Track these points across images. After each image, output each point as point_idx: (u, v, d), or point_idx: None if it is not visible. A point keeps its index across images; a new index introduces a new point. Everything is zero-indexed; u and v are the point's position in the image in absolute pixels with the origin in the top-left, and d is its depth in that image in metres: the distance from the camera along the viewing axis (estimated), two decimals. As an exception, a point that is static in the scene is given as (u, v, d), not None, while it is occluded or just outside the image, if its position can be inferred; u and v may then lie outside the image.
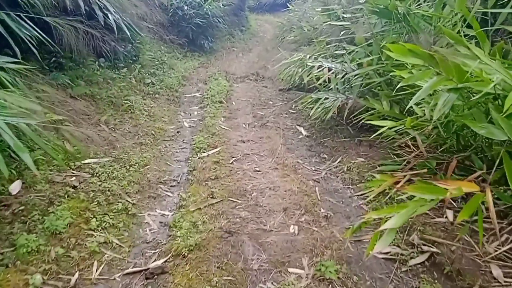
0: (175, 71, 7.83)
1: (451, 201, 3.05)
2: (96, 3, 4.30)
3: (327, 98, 4.38)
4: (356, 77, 4.17)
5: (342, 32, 5.32)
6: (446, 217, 2.87)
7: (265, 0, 17.63)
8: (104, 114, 4.68)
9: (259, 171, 3.73)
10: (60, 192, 2.96)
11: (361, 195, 3.37)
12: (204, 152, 4.17)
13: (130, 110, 5.32)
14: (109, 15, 4.61)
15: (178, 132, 5.04)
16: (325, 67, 4.52)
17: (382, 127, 3.38)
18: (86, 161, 3.61)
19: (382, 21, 4.31)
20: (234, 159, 4.01)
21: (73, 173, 3.37)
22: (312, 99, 4.58)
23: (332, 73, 4.52)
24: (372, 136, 3.42)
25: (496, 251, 2.46)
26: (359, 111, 4.32)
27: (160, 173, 3.72)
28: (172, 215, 3.03)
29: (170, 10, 9.78)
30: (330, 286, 2.22)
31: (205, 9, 10.13)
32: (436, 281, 2.28)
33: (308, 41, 9.33)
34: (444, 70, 2.46)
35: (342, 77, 4.45)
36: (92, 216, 2.77)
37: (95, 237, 2.58)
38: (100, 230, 2.67)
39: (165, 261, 2.42)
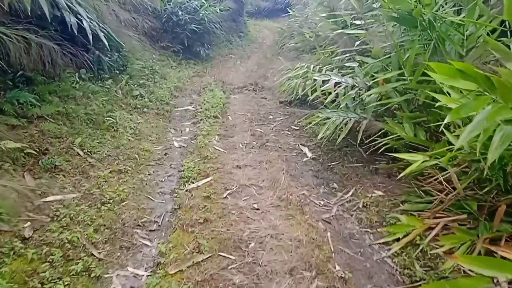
0: (167, 81, 7.18)
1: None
2: (66, 9, 3.63)
3: (338, 118, 3.73)
4: (371, 95, 3.52)
5: (351, 41, 4.69)
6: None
7: (264, 5, 17.04)
8: (79, 135, 4.02)
9: (258, 209, 3.07)
10: (4, 248, 2.29)
11: (384, 243, 2.71)
12: (193, 183, 3.51)
13: (112, 128, 4.66)
14: (84, 21, 3.94)
15: (165, 154, 4.37)
16: (333, 82, 3.86)
17: (405, 157, 2.74)
18: (48, 198, 2.94)
19: (401, 29, 3.68)
20: (228, 192, 3.34)
21: (29, 216, 2.70)
22: (320, 118, 3.91)
23: (343, 88, 3.88)
24: (402, 173, 2.74)
25: None
26: (377, 134, 3.67)
27: (139, 212, 3.05)
28: (147, 276, 2.36)
29: (164, 16, 9.16)
30: None
31: (201, 14, 9.50)
32: None
33: (310, 48, 8.72)
34: (501, 96, 1.83)
35: (354, 94, 3.81)
36: (39, 285, 2.10)
37: (38, 319, 1.91)
38: (48, 306, 2.00)
39: None
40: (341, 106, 3.75)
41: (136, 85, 6.15)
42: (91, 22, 4.05)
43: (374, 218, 2.98)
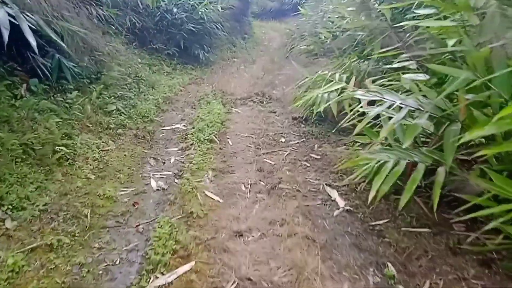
0: (155, 91, 5.75)
1: None
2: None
3: (397, 162, 2.26)
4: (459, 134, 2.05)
5: (399, 41, 3.24)
6: None
7: (270, 5, 15.55)
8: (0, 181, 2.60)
9: None
10: None
11: None
12: (162, 274, 2.06)
13: (67, 161, 3.27)
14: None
15: (134, 205, 2.94)
16: (387, 103, 2.39)
17: None
18: None
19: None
20: (220, 299, 1.90)
21: None
22: (372, 162, 2.42)
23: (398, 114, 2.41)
24: None
25: None
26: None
27: None
28: None
29: (157, 14, 7.74)
30: None
31: (199, 12, 8.09)
32: None
33: (326, 51, 7.28)
34: None
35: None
36: None
37: None
38: None
39: None
40: (405, 145, 2.26)
41: (112, 98, 4.73)
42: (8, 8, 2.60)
43: None
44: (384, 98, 2.42)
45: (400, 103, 2.33)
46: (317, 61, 6.75)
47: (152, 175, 3.50)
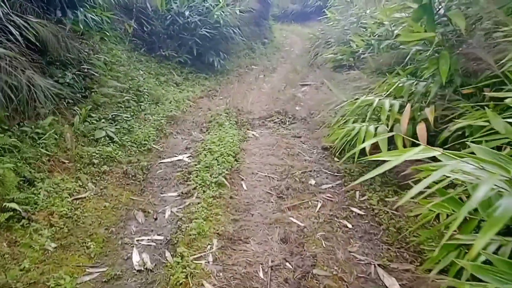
0: (159, 108, 4.75)
1: None
2: None
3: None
4: None
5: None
6: None
7: (291, 8, 14.40)
8: None
9: None
10: None
11: None
12: None
13: (18, 222, 2.34)
14: None
15: (98, 306, 1.93)
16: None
17: None
18: None
19: None
20: None
21: None
22: None
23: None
24: None
25: None
26: None
27: None
28: None
29: (168, 18, 6.76)
30: None
31: (215, 16, 7.05)
32: None
33: (356, 62, 6.17)
34: None
35: None
36: None
37: None
38: None
39: None
40: None
41: (103, 121, 3.75)
42: None
43: None
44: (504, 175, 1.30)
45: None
46: (348, 75, 5.61)
47: (137, 241, 2.48)
